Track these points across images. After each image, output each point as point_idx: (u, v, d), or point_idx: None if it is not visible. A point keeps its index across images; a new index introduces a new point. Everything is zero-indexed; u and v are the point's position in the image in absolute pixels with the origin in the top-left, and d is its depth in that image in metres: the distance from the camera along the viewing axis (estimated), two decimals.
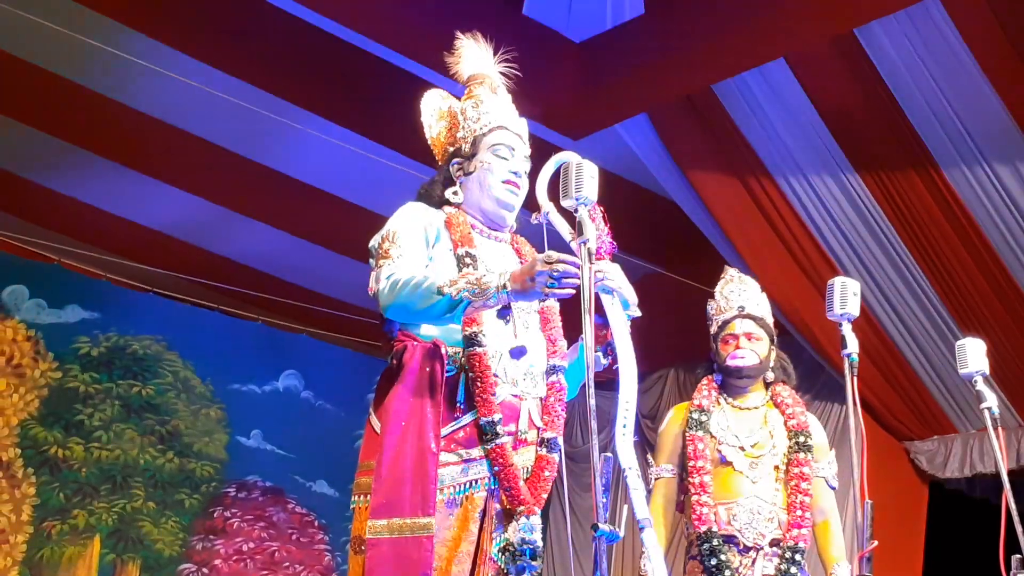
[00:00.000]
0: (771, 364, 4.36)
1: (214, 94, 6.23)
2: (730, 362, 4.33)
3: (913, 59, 5.64)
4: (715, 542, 4.11)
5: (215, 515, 7.92)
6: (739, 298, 4.41)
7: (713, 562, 4.10)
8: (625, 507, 2.63)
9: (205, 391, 8.11)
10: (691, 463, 4.24)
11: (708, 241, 7.03)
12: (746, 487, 4.18)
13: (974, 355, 3.84)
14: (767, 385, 4.37)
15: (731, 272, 4.62)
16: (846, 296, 3.65)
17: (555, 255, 2.76)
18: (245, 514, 8.03)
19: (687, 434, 4.31)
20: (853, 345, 3.63)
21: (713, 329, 4.46)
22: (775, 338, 4.41)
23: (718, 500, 4.18)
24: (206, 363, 8.13)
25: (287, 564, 8.06)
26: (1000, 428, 3.73)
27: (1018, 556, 3.51)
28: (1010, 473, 3.69)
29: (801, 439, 4.19)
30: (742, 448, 4.25)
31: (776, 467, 4.21)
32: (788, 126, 6.21)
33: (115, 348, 7.85)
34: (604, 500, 2.62)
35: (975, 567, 4.90)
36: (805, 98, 6.06)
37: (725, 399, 4.39)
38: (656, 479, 4.39)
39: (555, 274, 2.74)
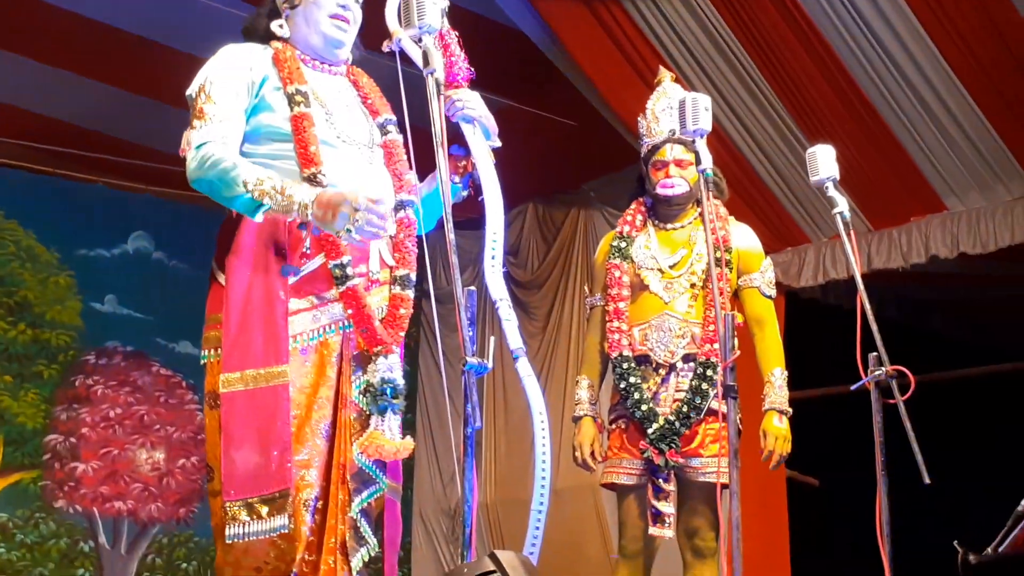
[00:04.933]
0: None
1: None
2: (660, 190, 4.26)
3: None
4: (625, 366, 4.15)
5: (76, 384, 7.72)
6: (670, 120, 4.23)
7: (623, 385, 4.14)
8: (492, 339, 2.61)
9: (51, 259, 7.80)
10: (608, 291, 4.26)
11: (560, 71, 6.95)
12: (659, 307, 4.18)
13: (824, 161, 3.87)
14: (698, 202, 4.22)
15: (665, 83, 4.44)
16: (698, 112, 3.64)
17: (363, 205, 2.68)
18: (108, 380, 7.85)
19: (606, 263, 4.30)
20: (707, 160, 3.65)
21: (643, 152, 4.35)
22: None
23: (633, 323, 4.20)
24: (49, 230, 7.79)
25: (157, 427, 7.94)
26: (852, 232, 3.81)
27: (874, 353, 3.63)
28: (862, 276, 3.77)
29: (718, 254, 4.00)
30: (661, 270, 4.23)
31: (693, 284, 4.19)
32: None
33: None
34: (470, 334, 2.60)
35: (833, 368, 5.06)
36: None
37: (653, 223, 4.34)
38: (591, 308, 4.41)
39: (355, 224, 2.67)
